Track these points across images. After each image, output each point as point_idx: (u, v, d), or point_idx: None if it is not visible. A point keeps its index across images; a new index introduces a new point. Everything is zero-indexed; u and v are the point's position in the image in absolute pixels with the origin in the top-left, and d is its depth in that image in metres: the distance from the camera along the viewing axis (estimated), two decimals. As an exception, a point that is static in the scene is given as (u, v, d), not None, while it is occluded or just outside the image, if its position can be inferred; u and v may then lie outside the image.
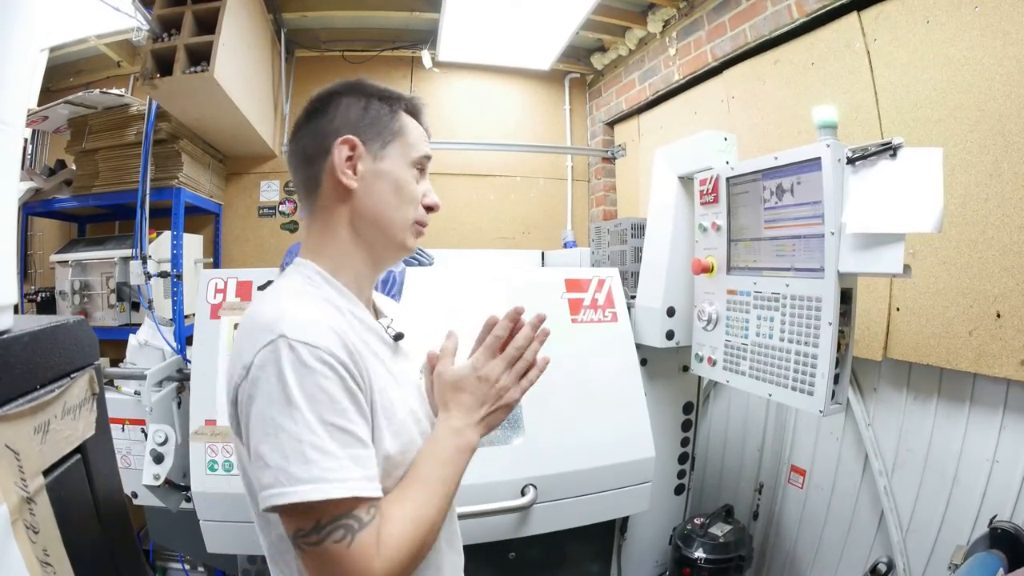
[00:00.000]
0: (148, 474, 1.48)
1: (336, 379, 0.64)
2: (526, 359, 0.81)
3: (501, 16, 2.67)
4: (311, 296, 0.74)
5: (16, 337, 0.67)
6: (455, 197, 3.42)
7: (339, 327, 0.69)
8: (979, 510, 1.47)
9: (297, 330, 0.64)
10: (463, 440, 0.76)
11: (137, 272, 2.34)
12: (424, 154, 0.83)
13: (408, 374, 0.84)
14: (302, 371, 0.62)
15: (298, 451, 0.60)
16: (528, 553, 1.58)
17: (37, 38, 0.78)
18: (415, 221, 0.82)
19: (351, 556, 0.60)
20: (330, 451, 0.61)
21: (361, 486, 0.62)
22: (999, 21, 1.42)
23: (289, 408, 0.61)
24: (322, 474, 0.60)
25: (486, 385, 0.79)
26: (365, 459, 0.65)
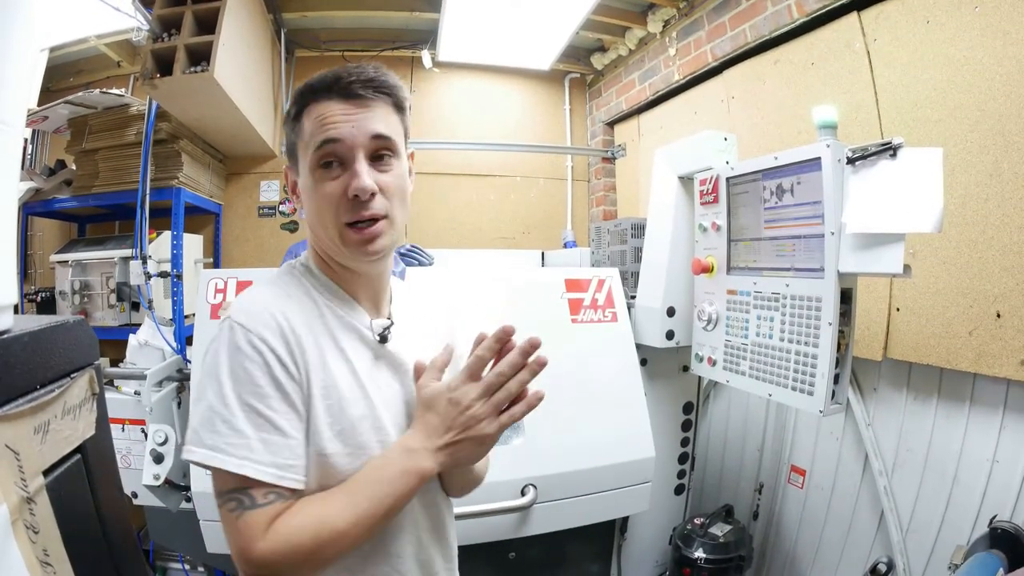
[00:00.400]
0: (148, 474, 1.48)
1: (262, 364, 0.67)
2: (508, 390, 0.71)
3: (501, 16, 2.67)
4: (281, 284, 0.77)
5: (16, 337, 0.67)
6: (455, 197, 3.42)
7: (288, 317, 0.71)
8: (979, 510, 1.47)
9: (241, 313, 0.69)
10: (413, 463, 0.70)
11: (137, 272, 2.34)
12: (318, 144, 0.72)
13: (391, 382, 0.79)
14: (233, 351, 0.67)
15: (210, 420, 0.65)
16: (528, 553, 1.58)
17: (37, 38, 0.78)
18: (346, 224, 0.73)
19: (238, 528, 0.64)
20: (239, 428, 0.65)
21: (260, 470, 0.64)
22: (999, 21, 1.42)
23: (214, 381, 0.67)
24: (223, 446, 0.64)
25: (455, 410, 0.71)
26: (279, 447, 0.66)
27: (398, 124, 0.78)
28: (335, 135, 0.72)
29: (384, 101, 0.76)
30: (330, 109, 0.72)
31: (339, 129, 0.72)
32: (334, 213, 0.73)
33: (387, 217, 0.75)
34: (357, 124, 0.72)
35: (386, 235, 0.75)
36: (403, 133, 0.79)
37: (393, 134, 0.76)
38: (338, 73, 0.73)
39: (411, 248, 2.02)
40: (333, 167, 0.73)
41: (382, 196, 0.74)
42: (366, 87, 0.73)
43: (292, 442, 0.67)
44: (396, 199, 0.76)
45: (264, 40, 2.84)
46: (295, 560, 0.64)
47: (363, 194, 0.71)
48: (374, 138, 0.73)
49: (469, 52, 3.16)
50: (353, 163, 0.72)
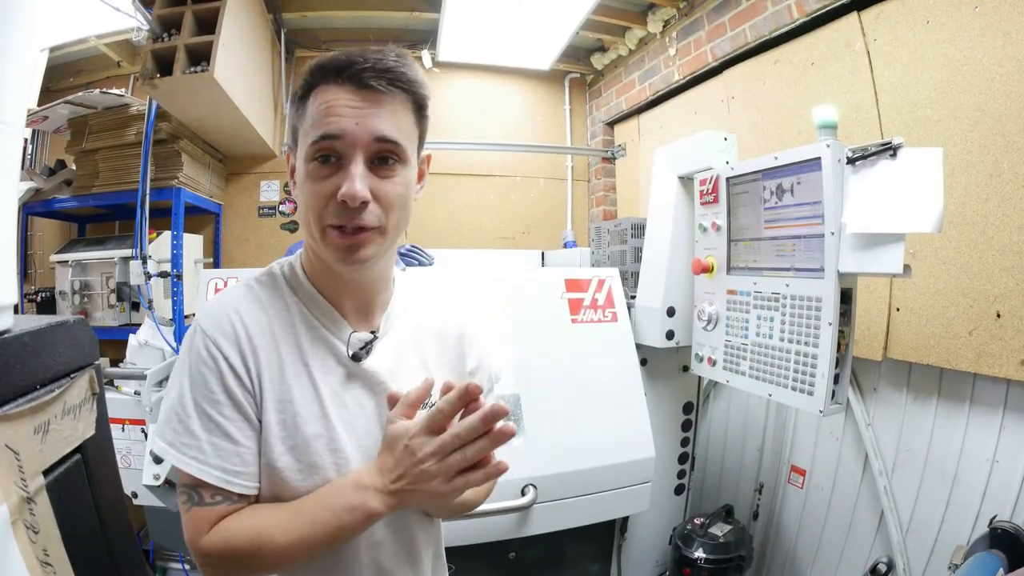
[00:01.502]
0: (148, 474, 1.48)
1: (215, 371, 0.68)
2: (464, 454, 0.63)
3: (501, 16, 2.67)
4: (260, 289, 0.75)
5: (16, 337, 0.67)
6: (455, 197, 3.42)
7: (249, 326, 0.70)
8: (979, 510, 1.47)
9: (205, 317, 0.71)
10: (359, 499, 0.65)
11: (137, 272, 2.34)
12: (316, 138, 0.65)
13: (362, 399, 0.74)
14: (193, 355, 0.69)
15: (169, 416, 0.68)
16: (528, 553, 1.58)
17: (37, 38, 0.78)
18: (329, 225, 0.67)
19: (187, 520, 0.68)
20: (192, 430, 0.67)
21: (206, 471, 0.66)
22: (999, 21, 1.42)
23: (177, 380, 0.69)
24: (178, 444, 0.67)
25: (409, 459, 0.64)
26: (228, 453, 0.67)
27: (412, 125, 0.70)
28: (335, 130, 0.64)
29: (400, 97, 0.67)
30: (337, 98, 0.65)
31: (341, 123, 0.64)
32: (319, 213, 0.67)
33: (378, 228, 0.68)
34: (362, 121, 0.65)
35: (373, 245, 0.68)
36: (417, 136, 0.72)
37: (402, 137, 0.68)
38: (352, 57, 0.65)
39: (411, 248, 2.02)
40: (329, 162, 0.66)
41: (376, 205, 0.66)
42: (380, 77, 0.65)
43: (242, 449, 0.68)
44: (394, 209, 0.68)
45: (264, 40, 2.84)
46: (232, 561, 0.66)
47: (352, 201, 0.64)
48: (377, 140, 0.66)
49: (469, 52, 3.16)
50: (349, 164, 0.65)
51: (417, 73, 0.69)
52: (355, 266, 0.69)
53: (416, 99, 0.70)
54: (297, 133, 0.71)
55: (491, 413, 0.63)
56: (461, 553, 0.95)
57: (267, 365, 0.70)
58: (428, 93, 0.71)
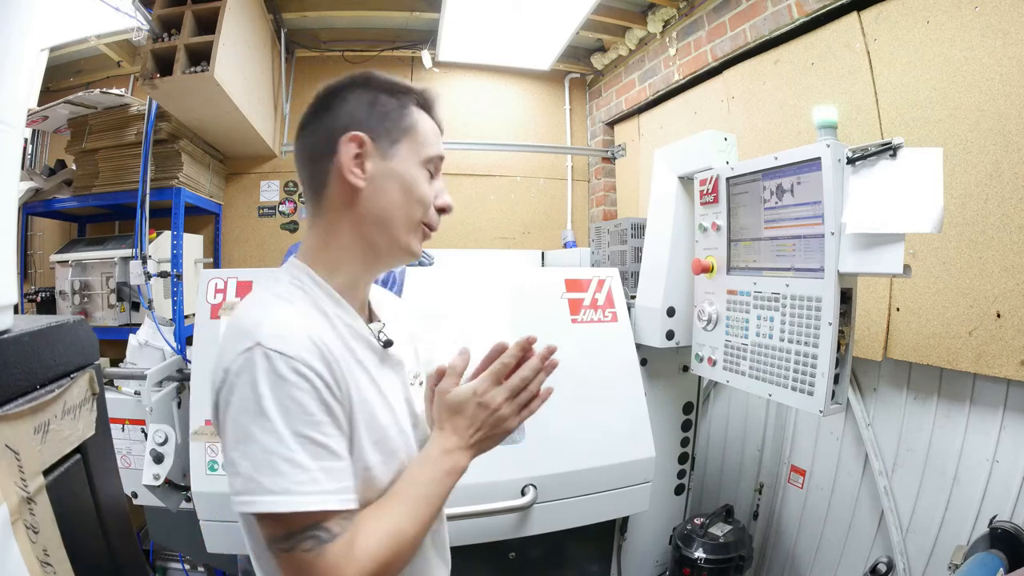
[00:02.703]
0: (148, 474, 1.48)
1: (311, 391, 0.63)
2: (530, 391, 0.78)
3: (501, 16, 2.67)
4: (297, 300, 0.72)
5: (16, 337, 0.67)
6: (455, 197, 3.31)
7: (320, 336, 0.68)
8: (979, 510, 1.48)
9: (274, 339, 0.63)
10: (452, 462, 0.74)
11: (137, 272, 2.34)
12: (437, 153, 0.79)
13: (395, 383, 0.81)
14: (276, 382, 0.62)
15: (267, 462, 0.61)
16: (528, 553, 1.58)
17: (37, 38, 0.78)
18: (422, 223, 0.78)
19: (320, 565, 0.61)
20: (300, 463, 0.61)
21: (331, 499, 0.62)
22: (999, 21, 1.42)
23: (261, 418, 0.61)
24: (291, 486, 0.60)
25: (485, 412, 0.76)
26: (339, 472, 0.64)
27: None
28: (443, 154, 0.81)
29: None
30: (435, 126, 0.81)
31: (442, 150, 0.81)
32: (424, 211, 0.78)
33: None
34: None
35: None
36: None
37: None
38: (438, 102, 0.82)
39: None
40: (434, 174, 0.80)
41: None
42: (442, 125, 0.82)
43: (345, 464, 0.66)
44: None
45: (264, 40, 2.84)
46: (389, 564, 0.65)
47: (450, 210, 0.82)
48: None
49: (469, 52, 3.16)
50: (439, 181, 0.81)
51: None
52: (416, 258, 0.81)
53: None
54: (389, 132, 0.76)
55: (546, 352, 0.79)
56: (461, 553, 0.95)
57: (345, 369, 0.70)
58: None
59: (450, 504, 0.93)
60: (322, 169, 0.75)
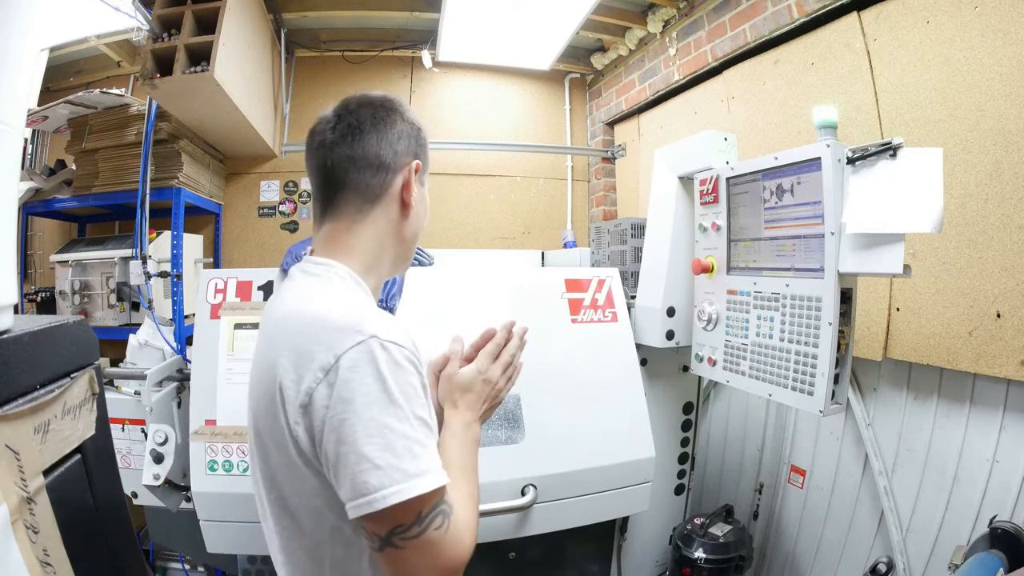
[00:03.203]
0: (148, 474, 1.48)
1: (418, 376, 0.69)
2: (514, 365, 0.94)
3: (501, 16, 2.67)
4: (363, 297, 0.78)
5: (16, 337, 0.67)
6: (455, 197, 3.42)
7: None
8: (979, 510, 1.48)
9: (385, 330, 0.67)
10: (474, 433, 0.86)
11: (137, 272, 2.33)
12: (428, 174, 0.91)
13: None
14: (396, 370, 0.65)
15: (407, 448, 0.63)
16: (528, 553, 1.58)
17: (37, 38, 0.78)
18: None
19: (449, 539, 0.65)
20: (427, 444, 0.66)
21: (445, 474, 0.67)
22: (999, 21, 1.42)
23: (393, 407, 0.64)
24: (427, 466, 0.64)
25: (488, 386, 0.89)
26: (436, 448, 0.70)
27: None
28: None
29: None
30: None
31: None
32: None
33: None
34: None
35: None
36: None
37: None
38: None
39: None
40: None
41: None
42: None
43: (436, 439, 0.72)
44: None
45: (264, 40, 2.84)
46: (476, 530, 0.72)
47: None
48: None
49: (469, 52, 3.16)
50: None
51: None
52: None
53: None
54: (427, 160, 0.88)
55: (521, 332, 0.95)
56: (461, 553, 0.95)
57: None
58: None
59: (450, 504, 0.94)
60: (383, 180, 0.81)
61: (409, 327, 0.73)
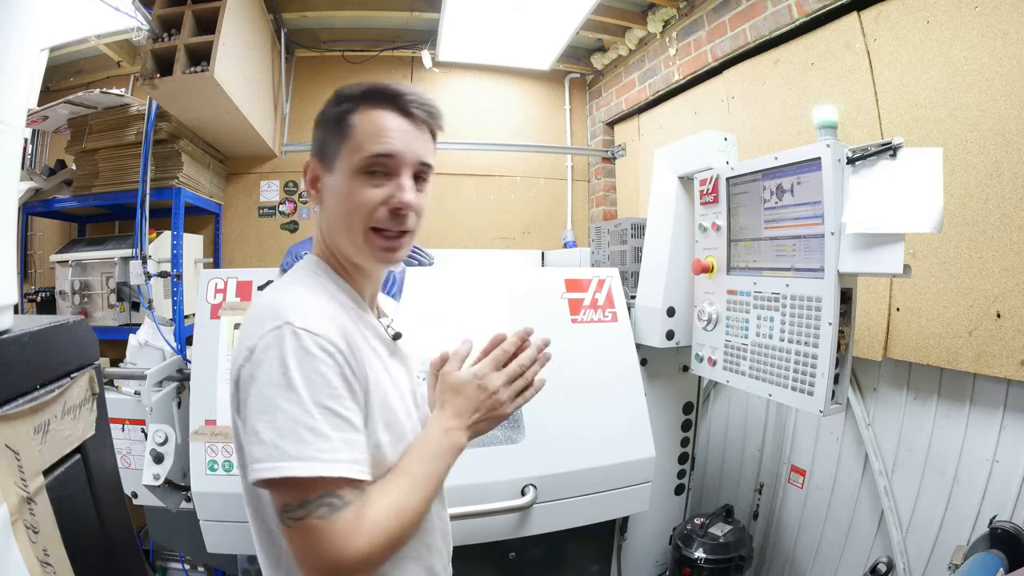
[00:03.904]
0: (148, 474, 1.48)
1: (334, 366, 0.68)
2: (526, 378, 0.84)
3: (501, 16, 2.67)
4: (315, 287, 0.78)
5: (16, 337, 0.67)
6: (455, 197, 3.42)
7: (340, 319, 0.74)
8: (979, 510, 1.48)
9: (301, 318, 0.69)
10: (452, 440, 0.78)
11: (137, 272, 2.33)
12: (373, 153, 0.75)
13: (402, 374, 0.86)
14: (303, 356, 0.66)
15: (293, 431, 0.64)
16: (528, 553, 1.58)
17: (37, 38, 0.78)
18: (371, 228, 0.77)
19: (332, 531, 0.63)
20: (323, 433, 0.65)
21: (349, 468, 0.66)
22: (999, 21, 1.42)
23: (288, 391, 0.65)
24: (314, 454, 0.64)
25: (484, 394, 0.81)
26: (356, 443, 0.68)
27: (433, 150, 0.83)
28: (391, 150, 0.75)
29: (431, 127, 0.81)
30: (388, 121, 0.76)
31: (394, 144, 0.76)
32: (364, 217, 0.76)
33: (411, 232, 0.80)
34: (410, 144, 0.77)
35: (405, 247, 0.80)
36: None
37: (432, 161, 0.81)
38: (399, 89, 0.77)
39: (411, 248, 2.02)
40: (377, 175, 0.76)
41: (413, 214, 0.79)
42: (422, 109, 0.78)
43: (362, 436, 0.70)
44: (421, 218, 0.82)
45: (264, 40, 2.84)
46: (389, 548, 0.68)
47: (406, 208, 0.76)
48: (420, 162, 0.79)
49: (469, 52, 3.16)
50: (399, 178, 0.77)
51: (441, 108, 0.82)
52: (390, 265, 0.81)
53: (439, 129, 0.83)
54: (334, 148, 0.78)
55: (542, 343, 0.85)
56: (461, 553, 0.95)
57: (362, 351, 0.75)
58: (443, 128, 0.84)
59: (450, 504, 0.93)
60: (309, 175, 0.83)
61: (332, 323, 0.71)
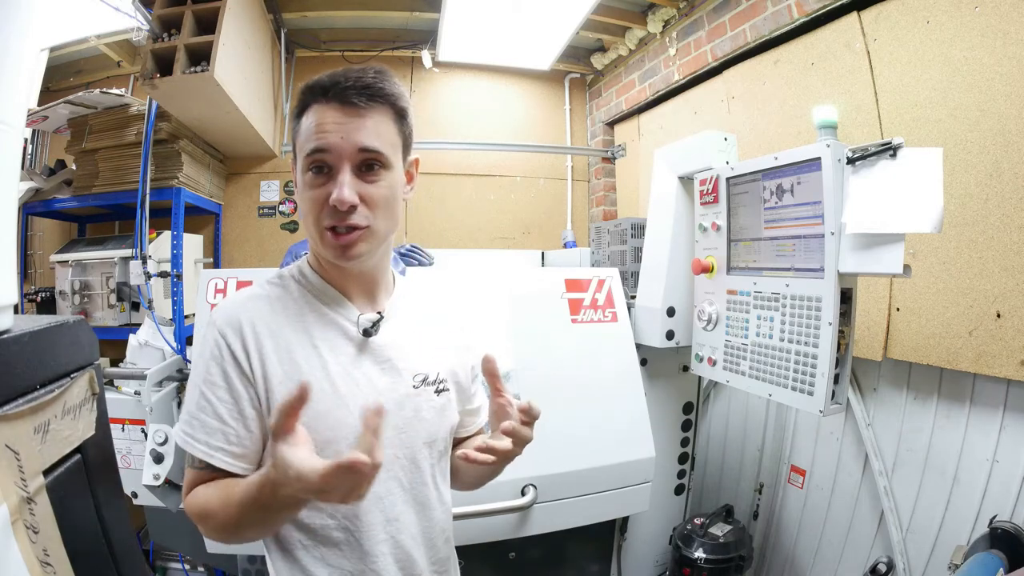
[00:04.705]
0: (148, 474, 1.48)
1: (218, 357, 0.75)
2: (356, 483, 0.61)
3: (501, 16, 2.67)
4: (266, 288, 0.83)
5: (16, 337, 0.67)
6: (455, 197, 3.42)
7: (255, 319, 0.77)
8: (979, 510, 1.47)
9: (217, 310, 0.79)
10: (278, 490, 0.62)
11: (137, 272, 2.33)
12: (307, 152, 0.74)
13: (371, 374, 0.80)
14: (201, 342, 0.78)
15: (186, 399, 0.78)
16: (528, 553, 1.58)
17: (37, 38, 0.78)
18: (325, 227, 0.74)
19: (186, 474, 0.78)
20: (189, 409, 0.76)
21: (196, 446, 0.74)
22: (999, 21, 1.42)
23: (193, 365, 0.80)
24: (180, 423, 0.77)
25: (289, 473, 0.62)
26: (213, 431, 0.74)
27: (394, 133, 0.78)
28: (323, 145, 0.73)
29: (381, 110, 0.75)
30: (325, 116, 0.73)
31: (327, 139, 0.73)
32: (316, 216, 0.75)
33: (367, 227, 0.75)
34: (347, 135, 0.73)
35: (364, 243, 0.76)
36: (401, 142, 0.79)
37: (383, 146, 0.75)
38: (336, 77, 0.74)
39: (411, 248, 2.02)
40: (322, 172, 0.74)
41: (364, 207, 0.74)
42: (361, 94, 0.73)
43: (227, 429, 0.74)
44: (379, 209, 0.76)
45: (264, 40, 2.84)
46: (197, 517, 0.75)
47: (341, 206, 0.72)
48: (361, 150, 0.74)
49: (469, 52, 3.16)
50: (338, 173, 0.73)
51: (395, 86, 0.77)
52: (351, 261, 0.77)
53: (396, 110, 0.78)
54: (295, 146, 0.79)
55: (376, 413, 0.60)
56: (461, 553, 0.95)
57: (273, 351, 0.76)
58: (407, 104, 0.80)
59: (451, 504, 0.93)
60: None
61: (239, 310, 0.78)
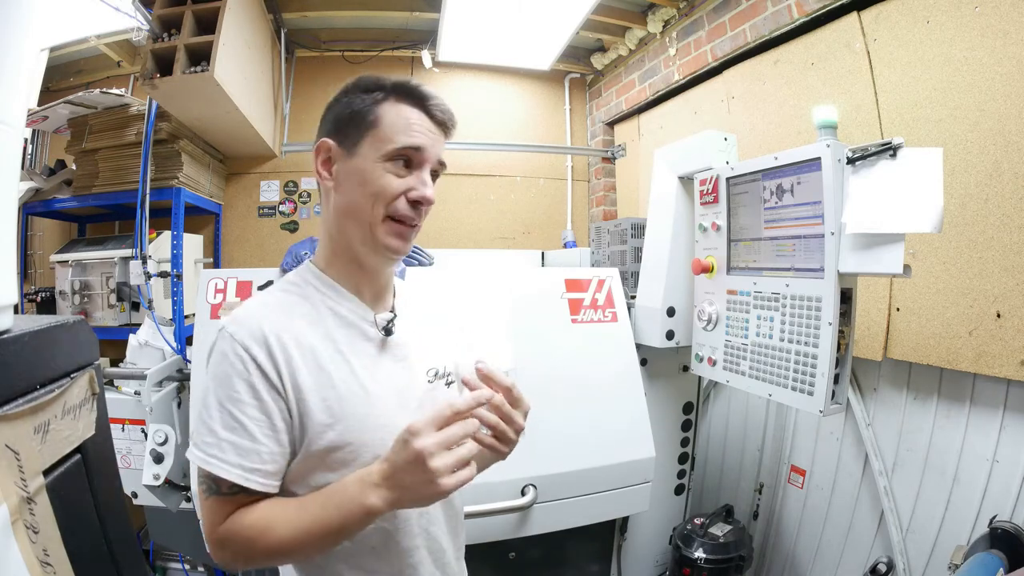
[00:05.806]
0: (148, 474, 1.48)
1: (241, 371, 0.72)
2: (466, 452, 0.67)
3: (501, 16, 2.67)
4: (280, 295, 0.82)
5: (16, 337, 0.67)
6: (455, 197, 3.42)
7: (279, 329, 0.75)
8: (979, 510, 1.48)
9: (232, 323, 0.75)
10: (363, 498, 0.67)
11: (137, 272, 2.33)
12: (402, 145, 0.77)
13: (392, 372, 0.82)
14: (220, 357, 0.73)
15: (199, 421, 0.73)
16: (528, 553, 1.58)
17: (37, 38, 0.78)
18: (389, 217, 0.78)
19: (205, 509, 0.73)
20: (213, 429, 0.71)
21: (226, 469, 0.70)
22: (999, 21, 1.42)
23: (204, 384, 0.74)
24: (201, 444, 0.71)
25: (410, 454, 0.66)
26: (247, 451, 0.71)
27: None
28: (421, 144, 0.78)
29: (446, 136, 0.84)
30: (417, 118, 0.79)
31: (423, 140, 0.79)
32: (386, 203, 0.78)
33: (419, 227, 0.82)
34: (434, 144, 0.80)
35: (412, 240, 0.82)
36: None
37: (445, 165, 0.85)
38: (427, 92, 0.81)
39: (411, 248, 2.02)
40: (401, 167, 0.78)
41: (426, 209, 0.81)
42: (446, 115, 0.82)
43: (261, 448, 0.71)
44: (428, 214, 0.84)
45: (264, 40, 2.84)
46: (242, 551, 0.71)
47: (426, 202, 0.79)
48: (439, 162, 0.82)
49: (469, 52, 3.16)
50: (422, 172, 0.79)
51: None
52: (395, 255, 0.81)
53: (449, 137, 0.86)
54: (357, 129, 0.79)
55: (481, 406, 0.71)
56: (461, 553, 0.95)
57: (301, 360, 0.75)
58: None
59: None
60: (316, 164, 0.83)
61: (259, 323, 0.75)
